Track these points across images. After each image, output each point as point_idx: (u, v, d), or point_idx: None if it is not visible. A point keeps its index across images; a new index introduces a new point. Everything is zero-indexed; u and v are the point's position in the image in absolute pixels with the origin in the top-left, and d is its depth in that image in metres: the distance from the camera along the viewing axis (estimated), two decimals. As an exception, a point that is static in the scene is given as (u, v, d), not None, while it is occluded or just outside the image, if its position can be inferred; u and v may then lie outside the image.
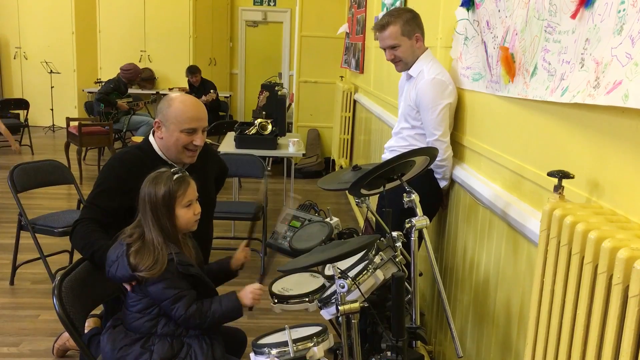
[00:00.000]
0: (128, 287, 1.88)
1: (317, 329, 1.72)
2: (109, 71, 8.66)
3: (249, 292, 1.91)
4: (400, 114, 2.72)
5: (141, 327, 1.86)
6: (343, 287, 1.57)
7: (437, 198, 2.63)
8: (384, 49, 2.61)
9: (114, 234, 1.93)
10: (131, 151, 2.23)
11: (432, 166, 2.47)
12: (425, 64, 2.56)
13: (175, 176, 1.88)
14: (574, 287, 1.29)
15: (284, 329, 1.74)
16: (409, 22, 2.54)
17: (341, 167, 6.13)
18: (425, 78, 2.49)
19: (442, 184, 2.58)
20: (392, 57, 2.59)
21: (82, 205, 2.40)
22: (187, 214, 1.89)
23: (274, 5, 9.92)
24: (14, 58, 9.04)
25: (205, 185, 2.33)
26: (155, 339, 1.84)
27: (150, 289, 1.82)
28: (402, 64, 2.61)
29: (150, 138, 2.22)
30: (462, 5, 2.43)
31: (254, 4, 9.93)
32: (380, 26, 2.57)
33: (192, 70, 7.58)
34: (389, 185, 2.04)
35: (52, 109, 8.77)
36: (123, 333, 1.88)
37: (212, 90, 7.38)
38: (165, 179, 1.87)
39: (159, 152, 2.19)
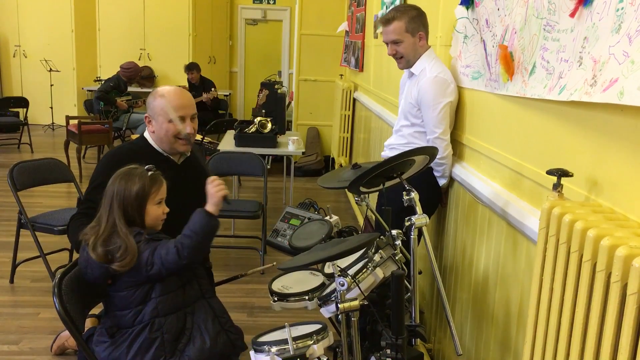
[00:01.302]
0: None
1: (317, 326, 1.73)
2: (108, 69, 8.65)
3: (211, 192, 1.90)
4: (400, 112, 2.73)
5: (128, 323, 1.86)
6: (343, 285, 1.57)
7: (437, 196, 2.64)
8: (387, 43, 2.63)
9: None
10: (124, 147, 2.31)
11: (431, 164, 2.48)
12: (427, 62, 2.57)
13: (150, 173, 1.89)
14: (573, 285, 1.29)
15: (283, 327, 1.74)
16: (414, 20, 2.55)
17: (341, 165, 6.13)
18: (427, 76, 2.50)
19: (442, 182, 2.59)
20: (394, 52, 2.60)
21: (80, 203, 2.42)
22: (157, 211, 1.91)
23: (274, 3, 9.91)
24: (14, 56, 9.03)
25: (201, 180, 2.35)
26: (162, 320, 1.84)
27: (128, 275, 1.81)
28: (404, 60, 2.62)
29: (145, 134, 2.29)
30: (461, 3, 2.43)
31: (254, 2, 9.92)
32: (386, 20, 2.59)
33: (190, 67, 7.57)
34: (388, 184, 2.04)
35: (51, 107, 8.76)
36: (122, 338, 1.86)
37: (213, 89, 7.37)
38: (139, 175, 1.87)
39: (155, 146, 2.25)
